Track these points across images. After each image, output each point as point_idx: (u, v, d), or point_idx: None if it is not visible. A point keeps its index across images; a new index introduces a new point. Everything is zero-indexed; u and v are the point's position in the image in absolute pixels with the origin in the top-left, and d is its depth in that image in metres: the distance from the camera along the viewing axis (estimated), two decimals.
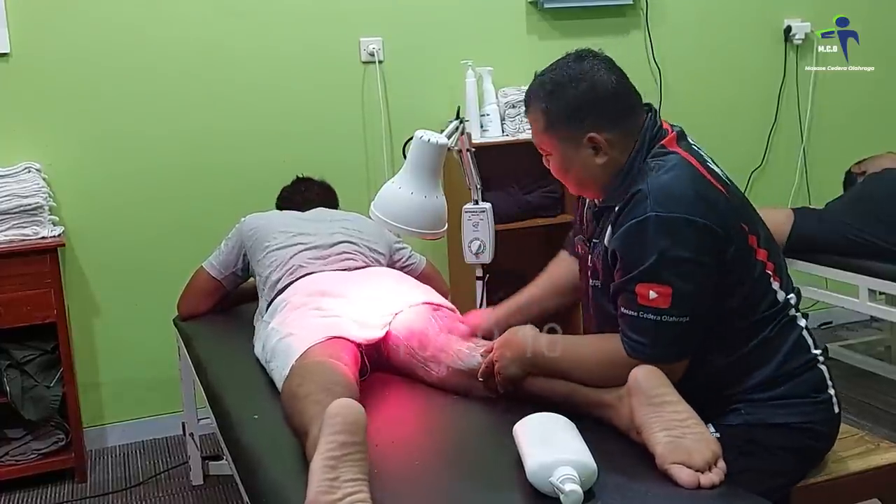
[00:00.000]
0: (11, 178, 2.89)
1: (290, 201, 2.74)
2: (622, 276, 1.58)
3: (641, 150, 1.64)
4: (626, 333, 1.58)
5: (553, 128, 1.66)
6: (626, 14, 3.75)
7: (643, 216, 1.53)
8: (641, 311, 1.54)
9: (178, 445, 3.23)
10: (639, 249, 1.54)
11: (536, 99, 1.69)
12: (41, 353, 2.94)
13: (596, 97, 1.63)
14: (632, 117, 1.66)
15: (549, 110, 1.66)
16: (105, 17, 3.12)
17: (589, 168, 1.66)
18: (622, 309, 1.59)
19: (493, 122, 3.42)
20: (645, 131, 1.65)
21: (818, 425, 1.65)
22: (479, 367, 1.77)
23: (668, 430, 1.42)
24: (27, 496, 2.93)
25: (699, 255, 1.53)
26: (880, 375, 3.39)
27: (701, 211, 1.54)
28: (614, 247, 1.60)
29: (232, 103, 3.29)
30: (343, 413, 1.33)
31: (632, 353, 1.57)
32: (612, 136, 1.63)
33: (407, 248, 2.56)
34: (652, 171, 1.59)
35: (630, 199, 1.57)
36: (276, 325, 2.01)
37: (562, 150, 1.68)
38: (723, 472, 1.38)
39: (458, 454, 1.59)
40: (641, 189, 1.56)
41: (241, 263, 2.50)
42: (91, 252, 3.19)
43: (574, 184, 1.73)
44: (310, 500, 1.27)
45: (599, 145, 1.63)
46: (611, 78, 1.65)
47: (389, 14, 3.44)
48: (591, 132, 1.63)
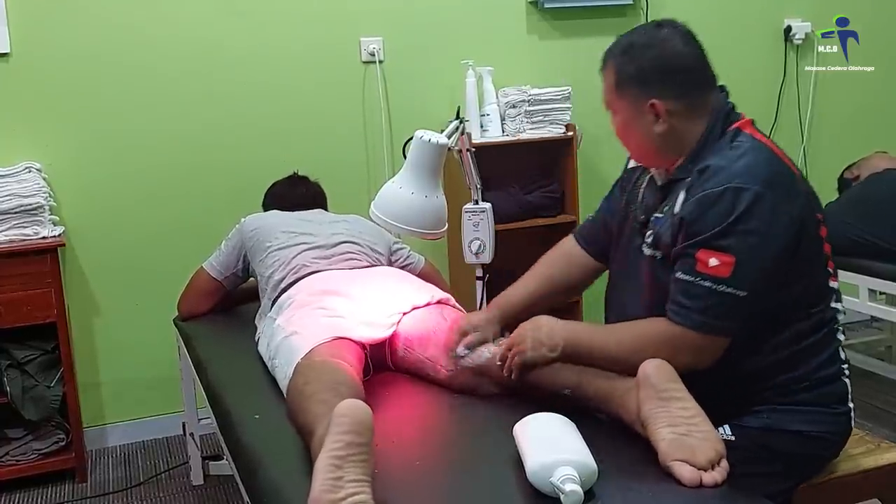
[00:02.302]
0: (12, 178, 2.89)
1: (285, 200, 2.71)
2: (685, 241, 1.55)
3: (715, 127, 1.63)
4: (675, 299, 1.55)
5: (620, 87, 1.66)
6: (626, 14, 3.75)
7: (720, 186, 1.52)
8: (699, 277, 1.51)
9: (179, 445, 3.23)
10: (709, 216, 1.51)
11: (611, 56, 1.69)
12: (41, 353, 2.94)
13: (664, 65, 1.62)
14: (700, 92, 1.65)
15: (619, 70, 1.66)
16: (105, 17, 3.12)
17: (647, 134, 1.65)
18: (677, 274, 1.55)
19: (493, 122, 3.42)
20: (718, 110, 1.64)
21: (832, 436, 1.65)
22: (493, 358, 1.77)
23: (673, 427, 1.41)
24: (27, 496, 2.93)
25: (770, 232, 1.51)
26: (880, 375, 3.39)
27: (779, 190, 1.52)
28: (684, 213, 1.56)
29: (232, 103, 3.29)
30: (351, 414, 1.34)
31: (677, 318, 1.54)
32: (675, 106, 1.62)
33: (406, 247, 2.56)
34: (730, 148, 1.58)
35: (705, 170, 1.56)
36: (282, 322, 2.00)
37: (626, 110, 1.67)
38: (725, 472, 1.37)
39: (459, 454, 1.59)
40: (719, 163, 1.55)
41: (242, 264, 2.50)
42: (91, 252, 3.19)
43: (633, 147, 1.73)
44: (313, 497, 1.27)
45: (659, 113, 1.62)
46: (684, 50, 1.64)
47: (389, 14, 3.44)
48: (654, 99, 1.62)
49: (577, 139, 3.44)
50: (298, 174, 2.85)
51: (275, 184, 2.83)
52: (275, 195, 2.78)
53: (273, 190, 2.81)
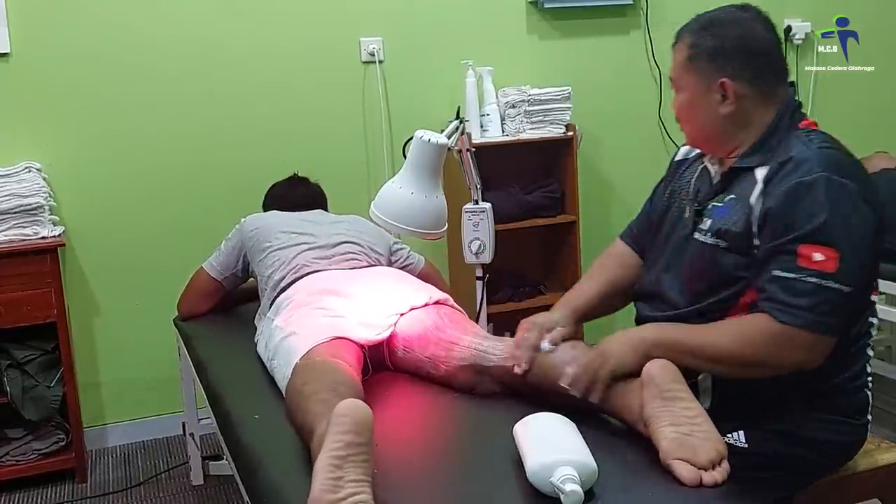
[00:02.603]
0: (11, 178, 2.89)
1: (285, 200, 2.70)
2: (781, 236, 1.48)
3: (784, 117, 1.60)
4: (777, 298, 1.48)
5: (693, 62, 1.63)
6: (626, 14, 3.75)
7: (813, 176, 1.47)
8: (803, 273, 1.45)
9: (179, 445, 3.23)
10: (806, 209, 1.46)
11: (687, 31, 1.67)
12: (41, 353, 2.94)
13: (743, 46, 1.60)
14: (773, 81, 1.63)
15: (695, 44, 1.63)
16: (105, 17, 3.12)
17: (711, 114, 1.62)
18: (775, 272, 1.48)
19: (493, 122, 3.42)
20: (787, 103, 1.62)
21: (847, 446, 1.65)
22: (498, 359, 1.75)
23: (676, 426, 1.41)
24: (27, 496, 2.93)
25: (867, 228, 1.48)
26: (881, 375, 3.39)
27: (869, 188, 1.51)
28: (770, 205, 1.50)
29: (232, 103, 3.29)
30: (351, 413, 1.33)
31: (784, 316, 1.46)
32: (745, 90, 1.60)
33: (405, 248, 2.55)
34: (808, 141, 1.54)
35: (788, 161, 1.51)
36: (280, 322, 2.00)
37: (693, 87, 1.63)
38: (726, 472, 1.37)
39: (459, 454, 1.59)
40: (804, 155, 1.50)
41: (241, 264, 2.50)
42: (91, 252, 3.19)
43: (694, 128, 1.68)
44: (313, 497, 1.27)
45: (728, 94, 1.59)
46: (765, 35, 1.63)
47: (389, 14, 3.44)
48: (726, 78, 1.59)
49: (577, 139, 3.44)
50: (298, 175, 2.85)
51: (275, 185, 2.82)
52: (275, 196, 2.77)
53: (273, 191, 2.80)
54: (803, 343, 1.47)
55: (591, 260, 3.86)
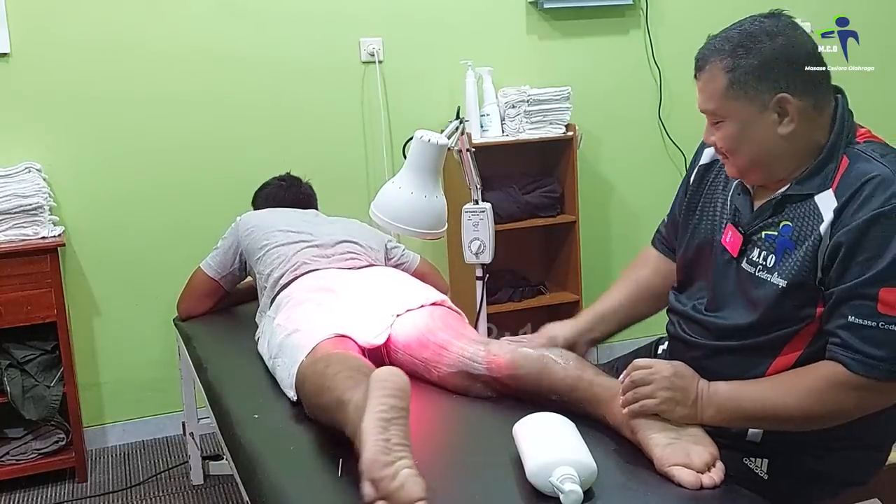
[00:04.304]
0: (11, 178, 2.89)
1: (282, 202, 2.70)
2: (858, 277, 1.33)
3: (842, 132, 1.44)
4: (853, 347, 1.34)
5: (736, 87, 1.43)
6: (626, 14, 3.75)
7: (889, 202, 1.32)
8: (883, 320, 1.31)
9: (178, 445, 3.23)
10: (888, 246, 1.30)
11: (718, 55, 1.45)
12: (41, 353, 2.94)
13: (794, 54, 1.42)
14: (825, 90, 1.46)
15: (734, 67, 1.43)
16: (105, 18, 3.12)
17: (769, 138, 1.43)
18: (851, 318, 1.34)
19: (493, 122, 3.42)
20: (843, 112, 1.46)
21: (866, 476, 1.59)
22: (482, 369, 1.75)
23: (665, 433, 1.41)
24: (27, 496, 2.93)
25: None
26: None
27: None
28: (843, 240, 1.34)
29: (232, 103, 3.29)
30: (392, 378, 1.36)
31: (862, 370, 1.33)
32: (802, 103, 1.42)
33: (400, 246, 2.55)
34: (878, 158, 1.39)
35: (861, 186, 1.35)
36: (282, 321, 2.00)
37: (743, 113, 1.44)
38: (722, 473, 1.37)
39: (459, 454, 1.59)
40: (876, 177, 1.35)
41: (238, 263, 2.50)
42: (91, 252, 3.19)
43: (746, 157, 1.47)
44: (368, 458, 1.26)
45: (788, 110, 1.42)
46: (809, 40, 1.46)
47: (389, 14, 3.44)
48: (783, 93, 1.41)
49: (576, 139, 3.44)
50: (291, 175, 2.84)
51: (267, 184, 2.81)
52: (269, 196, 2.76)
53: (267, 191, 2.78)
54: (881, 390, 1.36)
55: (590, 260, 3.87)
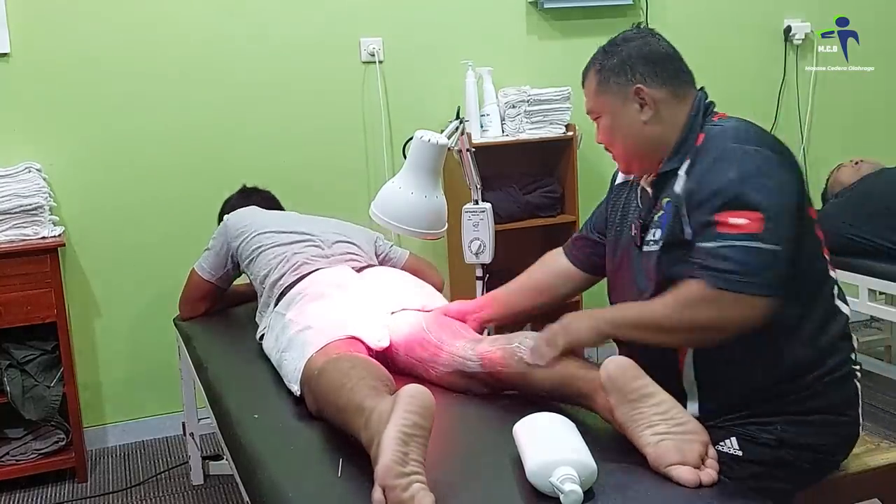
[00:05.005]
0: (11, 178, 2.89)
1: (252, 204, 2.68)
2: (702, 210, 1.51)
3: (698, 113, 1.65)
4: (706, 266, 1.48)
5: (602, 84, 1.69)
6: (626, 14, 3.75)
7: (721, 149, 1.53)
8: (728, 239, 1.46)
9: (178, 445, 3.23)
10: (720, 178, 1.50)
11: (592, 63, 1.74)
12: (41, 353, 2.94)
13: (648, 52, 1.66)
14: (681, 82, 1.68)
15: (601, 68, 1.70)
16: (105, 18, 3.12)
17: (635, 125, 1.66)
18: (701, 244, 1.50)
19: (493, 122, 3.42)
20: (699, 101, 1.67)
21: (841, 447, 1.64)
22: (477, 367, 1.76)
23: (653, 428, 1.41)
24: (27, 496, 2.93)
25: (786, 188, 1.50)
26: (880, 375, 3.39)
27: (784, 152, 1.55)
28: (690, 186, 1.55)
29: (232, 103, 3.29)
30: (419, 396, 1.37)
31: (716, 282, 1.46)
32: (659, 93, 1.65)
33: (388, 242, 2.57)
34: (722, 124, 1.61)
35: (701, 147, 1.58)
36: (293, 316, 2.00)
37: (610, 107, 1.69)
38: (715, 462, 1.38)
39: (458, 454, 1.59)
40: (713, 132, 1.58)
41: (231, 263, 2.50)
42: (91, 252, 3.19)
43: (622, 149, 1.71)
44: (384, 464, 1.28)
45: (645, 99, 1.64)
46: (663, 44, 1.70)
47: (389, 14, 3.44)
48: (639, 84, 1.64)
49: (576, 139, 3.44)
50: (247, 185, 2.86)
51: (229, 199, 2.82)
52: (233, 208, 2.69)
53: (232, 203, 2.78)
54: (739, 304, 1.47)
55: None
